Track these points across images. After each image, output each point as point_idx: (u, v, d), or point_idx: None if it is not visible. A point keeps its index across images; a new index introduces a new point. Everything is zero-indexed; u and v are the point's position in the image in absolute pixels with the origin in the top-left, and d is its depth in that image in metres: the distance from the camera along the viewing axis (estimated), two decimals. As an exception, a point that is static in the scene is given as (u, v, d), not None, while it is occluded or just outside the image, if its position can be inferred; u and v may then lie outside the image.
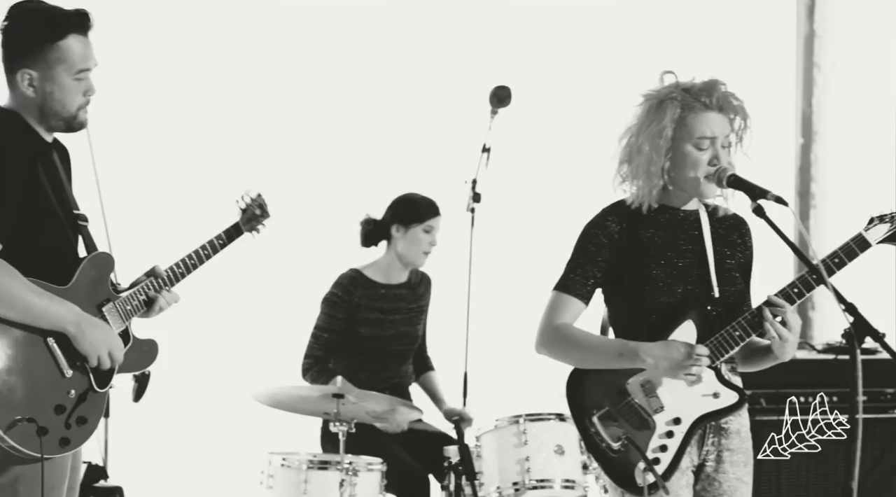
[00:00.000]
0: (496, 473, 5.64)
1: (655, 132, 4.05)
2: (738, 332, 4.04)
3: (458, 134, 7.27)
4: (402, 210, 6.23)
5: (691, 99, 4.05)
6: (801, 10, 8.85)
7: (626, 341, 4.08)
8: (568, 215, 4.48)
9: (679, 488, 4.09)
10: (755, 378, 6.35)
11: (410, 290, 6.31)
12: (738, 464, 4.18)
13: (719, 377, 4.09)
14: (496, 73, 6.96)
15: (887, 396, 6.64)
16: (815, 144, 8.89)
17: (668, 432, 4.07)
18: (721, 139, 4.07)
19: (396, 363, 6.26)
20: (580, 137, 7.52)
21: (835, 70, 8.82)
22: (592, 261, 4.14)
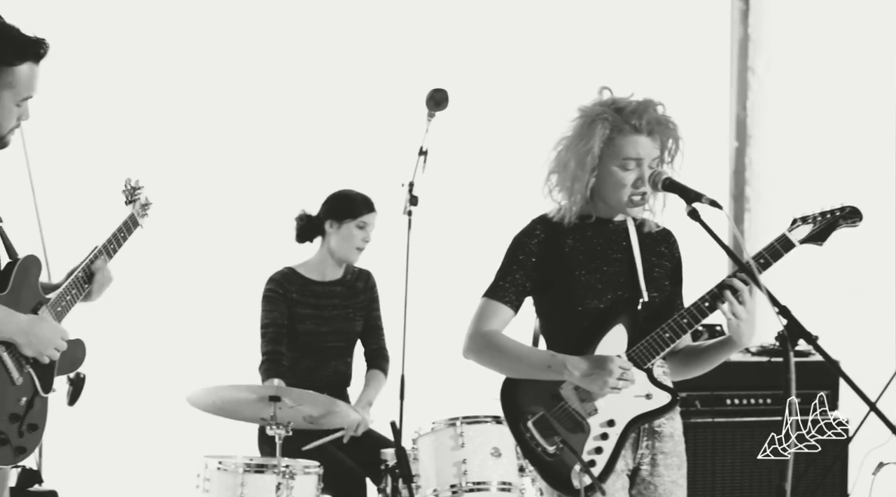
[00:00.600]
0: (433, 476, 5.64)
1: (583, 151, 4.10)
2: (668, 334, 4.08)
3: (395, 137, 7.27)
4: (335, 205, 6.23)
5: (621, 121, 4.09)
6: (735, 15, 8.92)
7: (554, 354, 4.10)
8: (504, 219, 4.50)
9: (615, 491, 4.11)
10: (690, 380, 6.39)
11: (345, 288, 6.30)
12: (672, 467, 4.21)
13: (651, 379, 4.12)
14: (433, 76, 6.96)
15: (821, 398, 6.68)
16: (750, 148, 8.96)
17: (602, 435, 4.09)
18: (647, 161, 4.11)
19: (334, 361, 6.25)
20: (517, 142, 7.53)
21: (769, 74, 8.89)
22: (522, 269, 4.16)
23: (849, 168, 8.30)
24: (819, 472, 6.47)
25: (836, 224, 4.13)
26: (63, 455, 6.44)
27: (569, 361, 4.04)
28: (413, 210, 6.51)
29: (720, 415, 6.50)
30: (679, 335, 4.07)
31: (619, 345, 4.10)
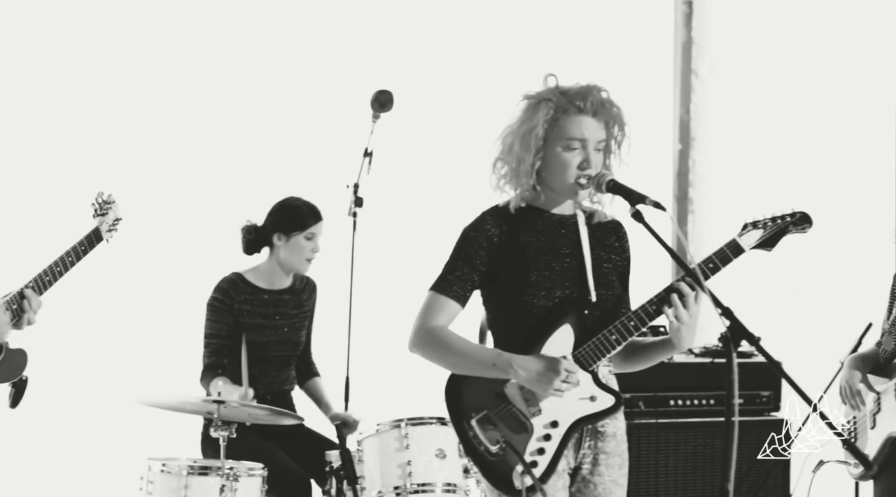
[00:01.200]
0: (378, 478, 5.64)
1: (527, 131, 4.08)
2: (614, 336, 4.08)
3: (340, 138, 7.26)
4: (282, 218, 6.18)
5: (566, 102, 4.09)
6: (678, 18, 8.96)
7: (500, 352, 4.10)
8: (449, 220, 4.50)
9: (556, 491, 4.12)
10: (633, 381, 6.43)
11: (294, 296, 6.28)
12: (613, 466, 4.22)
13: (596, 381, 4.12)
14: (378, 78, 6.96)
15: (763, 399, 6.73)
16: (693, 150, 9.00)
17: (545, 435, 4.10)
18: (593, 143, 4.09)
19: (278, 369, 6.22)
20: (462, 142, 7.54)
21: (712, 76, 8.94)
22: (470, 263, 4.15)
23: (791, 170, 8.36)
24: (761, 472, 6.51)
25: (785, 230, 4.14)
26: (6, 458, 6.40)
27: (514, 361, 4.05)
28: (358, 211, 6.50)
29: (664, 416, 6.53)
30: (626, 338, 4.08)
31: (565, 345, 4.11)
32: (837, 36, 8.23)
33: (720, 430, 5.76)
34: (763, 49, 8.64)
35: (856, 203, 7.96)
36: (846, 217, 7.96)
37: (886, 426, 5.17)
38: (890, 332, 5.26)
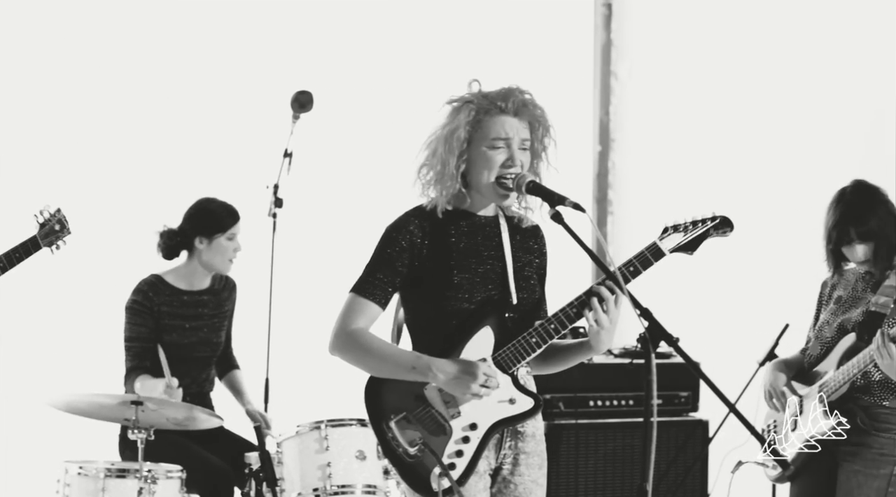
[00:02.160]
0: (297, 479, 5.62)
1: (449, 134, 4.09)
2: (534, 339, 4.08)
3: (260, 139, 7.24)
4: (203, 220, 6.14)
5: (488, 103, 4.10)
6: (598, 20, 9.00)
7: (419, 355, 4.09)
8: (370, 220, 4.49)
9: (476, 492, 4.12)
10: (553, 382, 6.45)
11: (213, 296, 6.25)
12: (533, 466, 4.23)
13: (515, 383, 4.12)
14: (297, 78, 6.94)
15: (681, 399, 6.78)
16: (613, 152, 9.05)
17: (464, 438, 4.09)
18: (517, 141, 4.10)
19: (198, 370, 6.19)
20: (382, 142, 7.54)
21: (631, 79, 8.99)
22: (391, 265, 4.14)
23: (709, 172, 8.42)
24: (680, 473, 6.55)
25: (706, 234, 4.16)
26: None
27: (434, 364, 4.04)
28: (278, 212, 6.48)
29: (583, 416, 6.55)
30: (546, 341, 4.08)
31: (485, 347, 4.10)
32: (752, 38, 8.30)
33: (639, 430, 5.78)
34: (681, 51, 8.70)
35: (773, 205, 8.03)
36: (763, 219, 8.02)
37: (807, 428, 5.22)
38: (816, 337, 5.30)
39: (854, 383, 5.05)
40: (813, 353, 5.29)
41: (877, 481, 5.04)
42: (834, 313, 5.27)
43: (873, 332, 5.04)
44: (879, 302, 5.11)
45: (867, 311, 5.13)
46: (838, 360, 5.11)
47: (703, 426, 6.74)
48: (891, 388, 5.06)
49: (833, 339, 5.20)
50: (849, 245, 5.18)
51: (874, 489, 5.04)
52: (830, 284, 5.39)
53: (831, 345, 5.20)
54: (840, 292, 5.31)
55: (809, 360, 5.30)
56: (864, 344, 5.04)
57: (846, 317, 5.20)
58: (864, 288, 5.23)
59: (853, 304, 5.22)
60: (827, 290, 5.40)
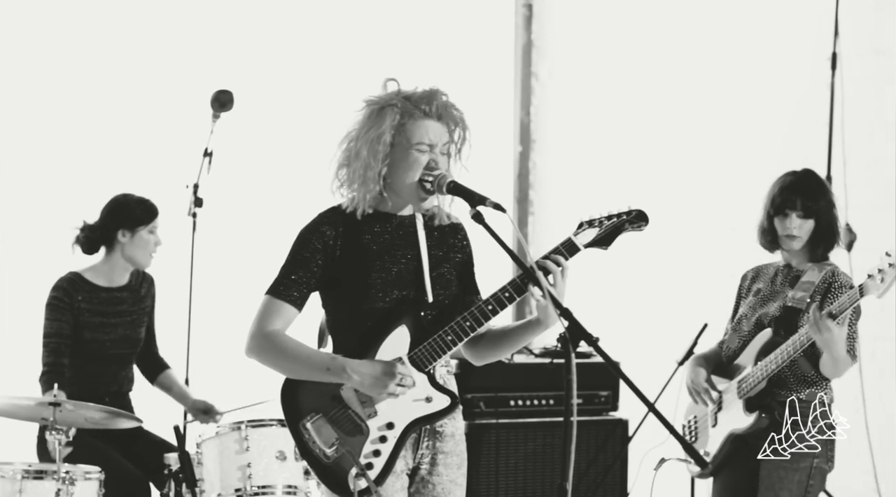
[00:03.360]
0: (217, 480, 5.60)
1: (374, 137, 4.08)
2: (450, 337, 4.08)
3: (180, 138, 7.20)
4: (125, 213, 6.10)
5: (411, 106, 4.09)
6: (519, 21, 9.03)
7: (334, 356, 4.09)
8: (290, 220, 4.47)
9: (394, 491, 4.12)
10: (474, 381, 6.47)
11: (132, 293, 6.21)
12: (452, 466, 4.23)
13: (432, 381, 4.12)
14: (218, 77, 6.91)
15: (601, 399, 6.81)
16: (533, 152, 9.09)
17: (381, 437, 4.09)
18: (439, 147, 4.10)
19: (117, 368, 6.15)
20: (302, 142, 7.52)
21: (552, 79, 9.03)
22: (306, 266, 4.13)
23: (630, 171, 8.47)
24: (600, 472, 6.59)
25: (621, 228, 4.16)
26: None
27: (348, 365, 4.04)
28: (198, 212, 6.45)
29: (504, 416, 6.57)
30: (461, 338, 4.08)
31: (401, 346, 4.11)
32: (671, 38, 8.36)
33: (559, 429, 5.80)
34: (601, 52, 8.75)
35: (692, 204, 8.10)
36: (682, 219, 8.09)
37: (727, 424, 5.26)
38: (735, 330, 5.35)
39: (770, 378, 5.11)
40: (731, 346, 5.34)
41: (797, 475, 5.10)
42: (752, 307, 5.32)
43: (789, 327, 5.09)
44: (796, 297, 5.16)
45: (784, 307, 5.18)
46: (755, 356, 5.16)
47: (622, 425, 6.78)
48: (807, 381, 5.12)
49: (751, 333, 5.25)
50: (786, 215, 5.19)
51: (795, 482, 5.10)
52: (750, 277, 5.45)
53: (749, 339, 5.24)
54: (759, 285, 5.36)
55: (728, 354, 5.35)
56: (780, 339, 5.09)
57: (764, 311, 5.25)
58: (782, 282, 5.28)
59: (771, 297, 5.27)
60: (746, 283, 5.45)
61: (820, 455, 5.12)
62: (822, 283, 5.14)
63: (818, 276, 5.15)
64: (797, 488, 5.11)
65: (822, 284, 5.13)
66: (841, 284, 5.09)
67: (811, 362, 5.10)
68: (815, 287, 5.13)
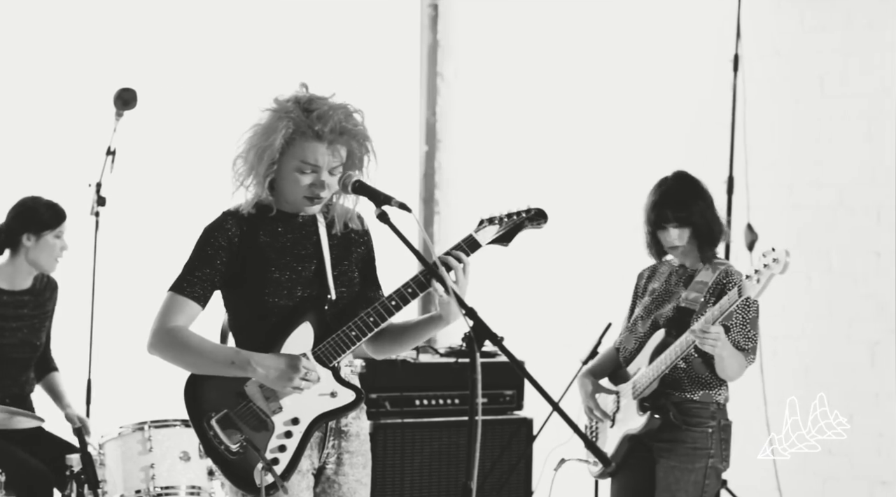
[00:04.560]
0: (120, 482, 5.56)
1: (264, 145, 4.09)
2: (353, 332, 4.09)
3: (82, 136, 7.12)
4: (31, 217, 6.04)
5: (305, 124, 4.08)
6: (424, 21, 9.04)
7: (238, 350, 4.09)
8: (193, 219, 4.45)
9: (300, 491, 4.12)
10: (379, 381, 6.48)
11: (34, 297, 6.15)
12: (357, 466, 4.24)
13: (337, 377, 4.14)
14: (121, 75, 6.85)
15: (506, 398, 6.83)
16: (439, 152, 9.10)
17: (286, 433, 4.10)
18: (326, 169, 4.10)
19: (17, 371, 6.09)
20: (206, 141, 7.47)
21: (457, 79, 9.04)
22: (210, 263, 4.12)
23: (535, 171, 8.51)
24: (504, 471, 6.61)
25: (521, 226, 4.21)
26: None
27: (253, 358, 4.03)
28: (101, 211, 6.40)
29: (409, 415, 6.58)
30: (365, 334, 4.10)
31: (305, 343, 4.11)
32: (575, 38, 8.41)
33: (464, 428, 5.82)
34: (507, 52, 8.78)
35: (597, 204, 8.15)
36: (587, 219, 8.14)
37: (623, 425, 5.30)
38: (631, 331, 5.39)
39: (664, 379, 5.15)
40: (628, 347, 5.38)
41: (693, 475, 5.15)
42: (647, 307, 5.36)
43: (681, 327, 5.14)
44: (689, 297, 5.21)
45: (677, 307, 5.23)
46: (650, 356, 5.21)
47: (527, 424, 6.81)
48: (700, 382, 5.17)
49: (646, 334, 5.29)
50: (664, 229, 5.26)
51: (691, 483, 5.15)
52: (646, 276, 5.49)
53: (644, 340, 5.29)
54: (655, 285, 5.41)
55: (625, 355, 5.39)
56: (672, 340, 5.13)
57: (659, 312, 5.30)
58: (676, 282, 5.32)
59: (666, 298, 5.32)
60: (642, 283, 5.49)
61: (715, 455, 5.18)
62: (716, 283, 5.19)
63: (712, 276, 5.20)
64: (693, 489, 5.16)
65: (716, 285, 5.18)
66: (734, 284, 5.14)
67: (706, 364, 5.15)
68: (708, 287, 5.18)
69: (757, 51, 7.41)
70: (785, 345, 7.40)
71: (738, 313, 5.02)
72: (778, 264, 4.82)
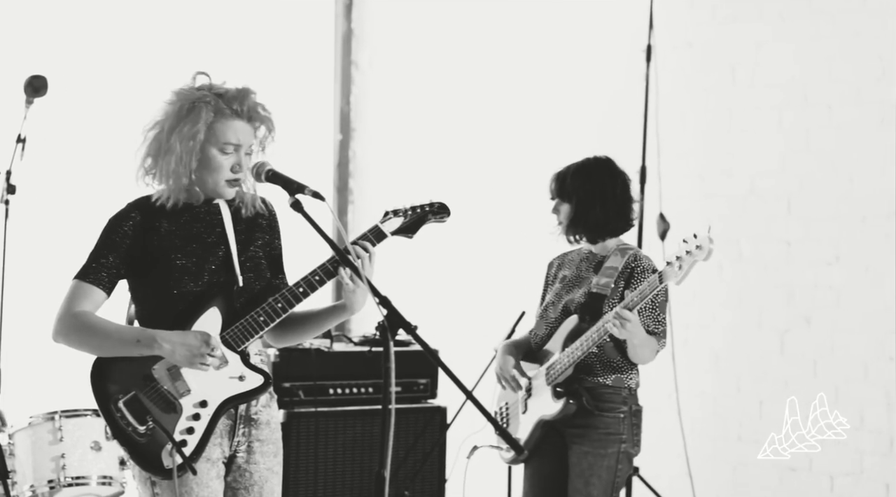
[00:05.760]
0: (30, 472, 5.51)
1: (188, 134, 4.11)
2: (262, 317, 4.13)
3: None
4: None
5: (223, 105, 4.13)
6: (339, 9, 9.02)
7: (144, 328, 4.11)
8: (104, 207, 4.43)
9: (210, 479, 4.12)
10: (292, 370, 6.46)
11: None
12: (268, 454, 4.26)
13: (245, 361, 4.15)
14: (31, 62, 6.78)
15: (420, 386, 6.84)
16: (353, 141, 9.09)
17: (194, 415, 4.10)
18: (245, 147, 4.17)
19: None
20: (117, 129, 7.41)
21: (372, 68, 9.04)
22: (115, 251, 4.14)
23: (449, 160, 8.52)
24: (418, 459, 6.62)
25: (424, 219, 4.32)
26: None
27: (158, 335, 4.04)
28: (10, 199, 6.33)
29: (322, 404, 6.57)
30: (273, 319, 4.13)
31: (213, 327, 4.13)
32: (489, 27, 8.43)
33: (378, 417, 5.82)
34: (421, 41, 8.78)
35: (510, 193, 8.17)
36: (501, 207, 8.16)
37: (537, 410, 5.32)
38: (542, 317, 5.41)
39: (577, 364, 5.18)
40: (539, 333, 5.41)
41: (606, 460, 5.19)
42: (558, 293, 5.39)
43: (594, 313, 5.17)
44: (600, 283, 5.24)
45: (588, 293, 5.26)
46: (563, 342, 5.23)
47: (441, 413, 6.82)
48: (613, 367, 5.21)
49: (558, 320, 5.32)
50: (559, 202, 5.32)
51: (605, 468, 5.19)
52: (556, 265, 5.52)
53: (556, 325, 5.32)
54: (565, 272, 5.44)
55: (536, 341, 5.42)
56: (586, 325, 5.16)
57: (570, 297, 5.33)
58: (587, 268, 5.35)
59: (576, 284, 5.35)
60: (552, 271, 5.52)
61: (626, 440, 5.22)
62: (625, 268, 5.22)
63: (621, 261, 5.24)
64: (607, 473, 5.20)
65: (626, 269, 5.22)
66: (643, 269, 5.18)
67: (618, 348, 5.19)
68: (618, 272, 5.22)
69: (669, 41, 7.46)
70: (696, 333, 7.47)
71: (647, 297, 5.05)
72: (701, 251, 4.85)
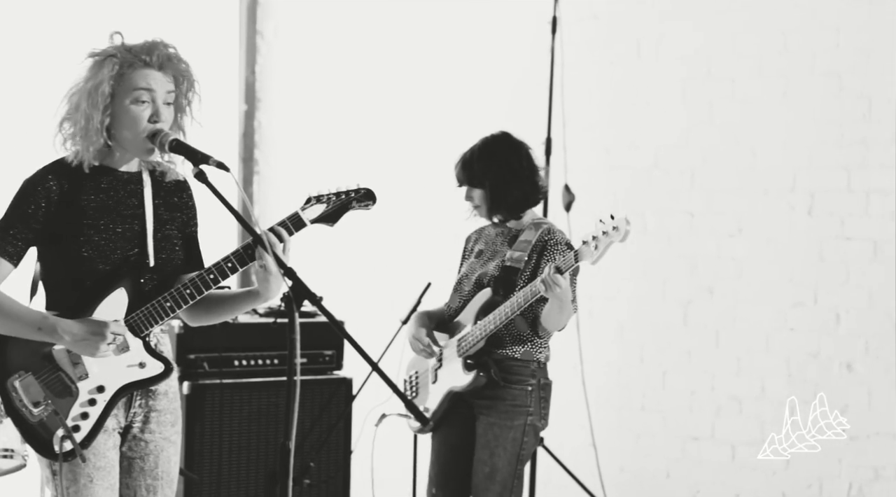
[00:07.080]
0: (-70, 446, 5.44)
1: (92, 88, 4.00)
2: (168, 303, 4.03)
3: None
4: None
5: (131, 57, 4.02)
6: (244, -22, 8.96)
7: (46, 315, 3.99)
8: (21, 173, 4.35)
9: (106, 450, 4.06)
10: (197, 342, 6.42)
11: None
12: (165, 424, 4.19)
13: (147, 347, 4.07)
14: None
15: (326, 358, 6.83)
16: (259, 111, 9.03)
17: (90, 400, 4.03)
18: (161, 95, 4.03)
19: None
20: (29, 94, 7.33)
21: (277, 38, 8.98)
22: (26, 220, 4.02)
23: (356, 132, 8.50)
24: (324, 430, 6.61)
25: (348, 206, 4.15)
26: None
27: (59, 325, 3.95)
28: None
29: (228, 376, 6.53)
30: (180, 306, 4.03)
31: (118, 309, 4.03)
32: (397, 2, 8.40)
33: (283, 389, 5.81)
34: (327, 11, 8.74)
35: (417, 166, 8.17)
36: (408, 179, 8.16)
37: (447, 381, 5.34)
38: (456, 290, 5.43)
39: (489, 337, 5.21)
40: (453, 306, 5.43)
41: (512, 432, 5.23)
42: (472, 266, 5.41)
43: (507, 286, 5.20)
44: (514, 256, 5.27)
45: (502, 266, 5.28)
46: (475, 314, 5.25)
47: (346, 384, 6.81)
48: (522, 339, 5.24)
49: (471, 293, 5.34)
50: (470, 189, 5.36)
51: (510, 440, 5.22)
52: (473, 239, 5.55)
53: (469, 298, 5.34)
54: (481, 246, 5.46)
55: (450, 313, 5.44)
56: (500, 299, 5.19)
57: (483, 271, 5.35)
58: (501, 242, 5.38)
59: (490, 257, 5.38)
60: (470, 245, 5.55)
61: (534, 412, 5.25)
62: (539, 241, 5.25)
63: (535, 235, 5.27)
64: (512, 445, 5.23)
65: (539, 243, 5.25)
66: (557, 241, 5.22)
67: (527, 321, 5.22)
68: (531, 246, 5.25)
69: (575, 13, 7.48)
70: (601, 305, 7.52)
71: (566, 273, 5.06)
72: (618, 232, 4.87)
